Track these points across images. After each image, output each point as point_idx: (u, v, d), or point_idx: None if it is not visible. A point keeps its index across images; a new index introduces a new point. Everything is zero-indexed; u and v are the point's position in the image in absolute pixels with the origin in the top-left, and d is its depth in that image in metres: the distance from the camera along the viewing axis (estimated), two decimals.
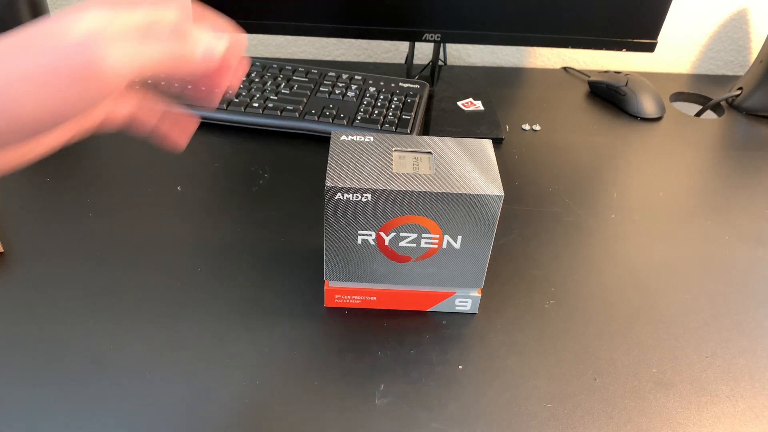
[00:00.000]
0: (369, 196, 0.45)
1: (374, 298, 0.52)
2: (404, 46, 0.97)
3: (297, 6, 0.73)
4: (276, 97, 0.75)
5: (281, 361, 0.48)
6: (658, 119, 0.85)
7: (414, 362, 0.48)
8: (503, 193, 0.45)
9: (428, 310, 0.53)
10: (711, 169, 0.75)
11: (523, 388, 0.47)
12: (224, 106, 0.74)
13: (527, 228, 0.63)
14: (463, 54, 0.98)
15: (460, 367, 0.48)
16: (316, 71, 0.81)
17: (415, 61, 0.93)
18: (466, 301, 0.52)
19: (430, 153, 0.48)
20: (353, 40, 0.96)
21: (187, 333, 0.49)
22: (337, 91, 0.78)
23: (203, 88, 0.33)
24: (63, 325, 0.49)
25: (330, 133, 0.73)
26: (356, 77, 0.81)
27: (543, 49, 0.99)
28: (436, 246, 0.48)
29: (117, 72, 0.26)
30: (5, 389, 0.44)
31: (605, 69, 0.97)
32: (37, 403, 0.44)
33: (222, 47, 0.31)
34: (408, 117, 0.74)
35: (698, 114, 0.90)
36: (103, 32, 0.26)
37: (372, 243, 0.48)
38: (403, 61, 0.98)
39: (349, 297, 0.52)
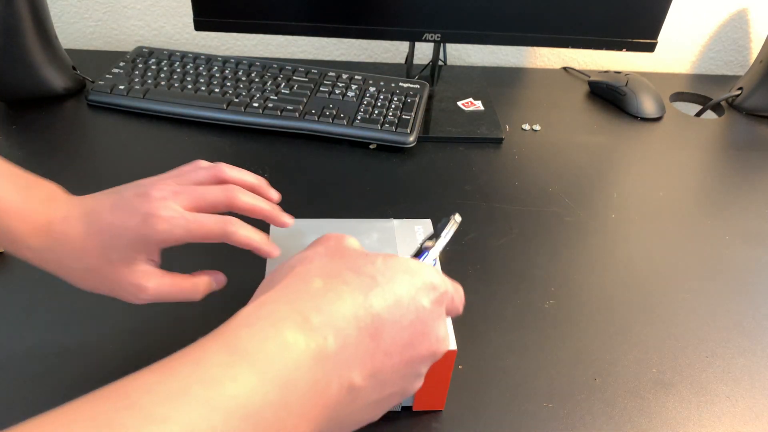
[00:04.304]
0: None
1: None
2: (404, 46, 0.97)
3: (297, 6, 0.73)
4: (276, 97, 0.75)
5: None
6: (658, 119, 0.85)
7: None
8: None
9: None
10: (711, 169, 0.75)
11: (523, 388, 0.47)
12: (224, 106, 0.74)
13: (527, 228, 0.63)
14: (463, 54, 0.98)
15: (460, 367, 0.48)
16: (316, 71, 0.81)
17: (415, 61, 0.93)
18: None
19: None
20: (353, 40, 0.96)
21: (187, 332, 0.49)
22: (337, 91, 0.78)
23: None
24: (63, 325, 0.49)
25: (330, 134, 0.73)
26: (356, 77, 0.81)
27: (543, 49, 0.99)
28: None
29: None
30: (5, 389, 0.44)
31: (605, 69, 0.97)
32: (38, 403, 0.43)
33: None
34: (408, 117, 0.74)
35: (698, 114, 0.90)
36: None
37: None
38: (403, 61, 0.98)
39: None
